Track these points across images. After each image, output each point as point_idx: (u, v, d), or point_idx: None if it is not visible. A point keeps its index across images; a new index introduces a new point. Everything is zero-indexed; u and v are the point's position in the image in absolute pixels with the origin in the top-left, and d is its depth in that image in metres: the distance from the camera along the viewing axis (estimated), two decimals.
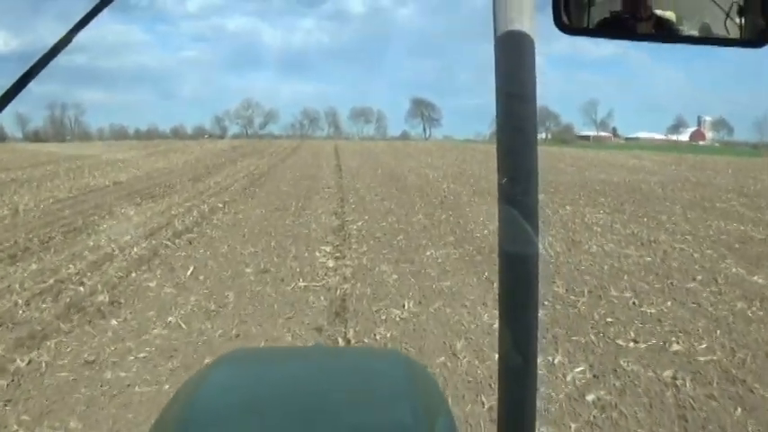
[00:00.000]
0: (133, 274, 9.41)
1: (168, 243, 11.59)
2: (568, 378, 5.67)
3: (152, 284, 8.87)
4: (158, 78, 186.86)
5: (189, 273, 9.43)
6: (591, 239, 12.24)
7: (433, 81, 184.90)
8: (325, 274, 9.34)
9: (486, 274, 9.30)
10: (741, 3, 1.22)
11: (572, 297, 8.22)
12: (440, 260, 10.29)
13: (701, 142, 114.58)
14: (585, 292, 8.43)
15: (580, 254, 10.93)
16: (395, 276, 9.26)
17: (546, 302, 7.95)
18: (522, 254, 0.97)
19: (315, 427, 1.27)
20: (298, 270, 9.56)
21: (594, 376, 5.73)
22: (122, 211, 15.88)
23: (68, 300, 8.11)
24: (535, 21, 0.98)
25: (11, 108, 1.02)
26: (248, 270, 9.60)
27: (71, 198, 18.73)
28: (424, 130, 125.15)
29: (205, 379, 1.56)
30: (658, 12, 1.23)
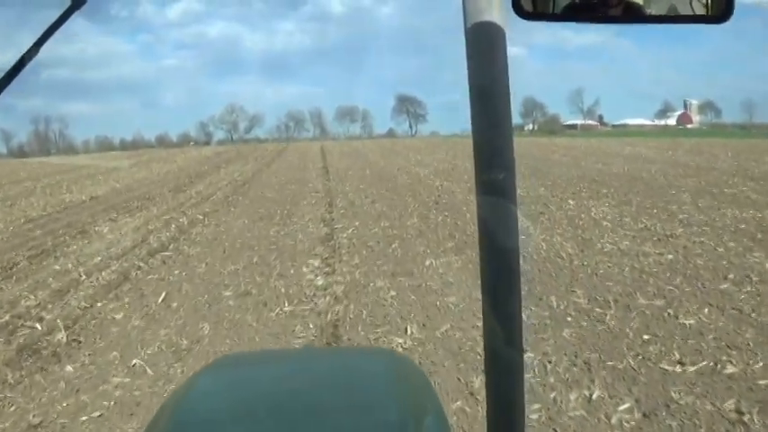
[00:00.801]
0: (98, 305, 8.37)
1: (141, 264, 10.54)
2: (614, 420, 4.66)
3: (118, 316, 7.82)
4: (142, 88, 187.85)
5: (160, 299, 8.39)
6: (603, 237, 11.26)
7: (417, 78, 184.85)
8: (314, 295, 8.29)
9: None
10: None
11: (597, 309, 7.20)
12: (441, 270, 9.28)
13: (688, 126, 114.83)
14: (611, 302, 7.42)
15: (595, 255, 9.95)
16: (393, 293, 8.23)
17: (569, 318, 6.98)
18: (504, 246, 0.99)
19: (303, 429, 1.27)
20: (282, 291, 8.51)
21: (644, 415, 4.71)
22: (96, 228, 14.81)
23: (22, 340, 7.07)
24: (505, 11, 0.98)
25: None
26: (227, 293, 8.55)
27: (44, 216, 17.66)
28: (411, 126, 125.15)
29: (195, 384, 1.57)
30: None
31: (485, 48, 0.97)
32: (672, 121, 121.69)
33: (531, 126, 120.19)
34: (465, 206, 15.32)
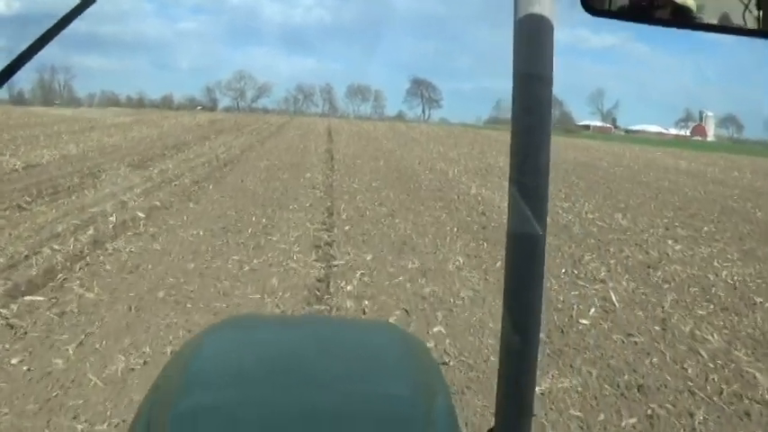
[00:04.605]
0: None
1: None
2: None
3: None
4: (155, 47, 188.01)
5: None
6: None
7: (432, 63, 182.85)
8: None
9: None
10: None
11: None
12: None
13: (708, 138, 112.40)
14: None
15: None
16: None
17: None
18: (530, 234, 0.95)
19: (311, 394, 1.23)
20: None
21: None
22: None
23: None
24: (555, 3, 0.96)
25: None
26: None
27: None
28: (424, 111, 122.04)
29: (200, 345, 1.52)
30: None
31: (534, 38, 0.94)
32: (684, 132, 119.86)
33: None
34: None
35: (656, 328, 6.65)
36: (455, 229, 10.88)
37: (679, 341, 6.31)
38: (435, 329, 6.11)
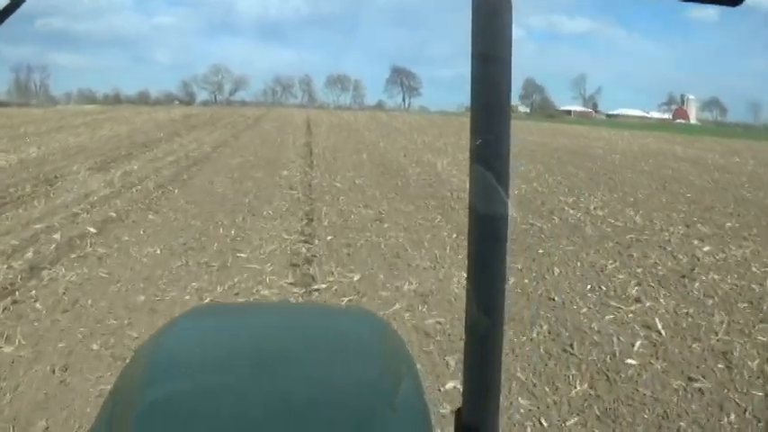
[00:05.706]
0: None
1: None
2: None
3: None
4: (133, 43, 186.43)
5: None
6: None
7: (411, 51, 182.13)
8: None
9: None
10: None
11: None
12: None
13: (691, 122, 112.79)
14: None
15: None
16: None
17: None
18: (493, 214, 0.92)
19: (280, 381, 1.18)
20: None
21: None
22: None
23: None
24: None
25: None
26: None
27: None
28: (404, 99, 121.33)
29: (169, 333, 1.46)
30: None
31: (490, 16, 0.89)
32: (667, 115, 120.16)
33: (528, 109, 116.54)
34: (540, 245, 9.01)
35: (719, 365, 5.33)
36: (454, 235, 9.50)
37: (751, 384, 5.01)
38: (449, 386, 4.75)
